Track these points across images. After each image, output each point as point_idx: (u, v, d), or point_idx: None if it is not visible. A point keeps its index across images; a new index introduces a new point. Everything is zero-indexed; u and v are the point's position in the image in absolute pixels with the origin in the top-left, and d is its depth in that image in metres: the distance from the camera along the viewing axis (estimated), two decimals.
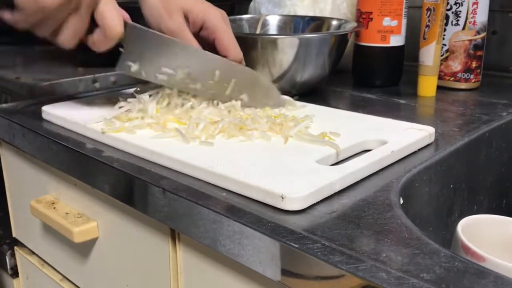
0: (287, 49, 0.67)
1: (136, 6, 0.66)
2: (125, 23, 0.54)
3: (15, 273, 0.81)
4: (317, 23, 0.81)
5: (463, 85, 0.77)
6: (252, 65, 0.67)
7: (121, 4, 0.55)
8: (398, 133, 0.52)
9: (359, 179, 0.44)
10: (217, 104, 0.59)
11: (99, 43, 0.53)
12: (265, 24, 0.83)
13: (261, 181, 0.41)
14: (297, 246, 0.35)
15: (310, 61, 0.68)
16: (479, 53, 0.76)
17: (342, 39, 0.71)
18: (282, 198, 0.39)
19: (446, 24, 0.75)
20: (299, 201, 0.39)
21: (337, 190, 0.42)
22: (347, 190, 0.43)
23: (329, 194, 0.41)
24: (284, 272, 0.36)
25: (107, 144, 0.53)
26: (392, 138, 0.50)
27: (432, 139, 0.54)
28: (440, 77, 0.76)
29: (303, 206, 0.39)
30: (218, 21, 0.62)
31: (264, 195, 0.40)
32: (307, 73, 0.69)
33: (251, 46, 0.67)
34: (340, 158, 0.48)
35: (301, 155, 0.47)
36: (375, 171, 0.46)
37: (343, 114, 0.60)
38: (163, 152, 0.48)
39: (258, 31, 0.82)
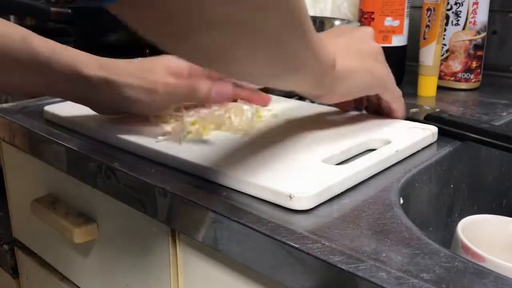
0: None
1: None
2: None
3: (15, 273, 0.81)
4: (320, 23, 0.81)
5: (463, 85, 0.77)
6: None
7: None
8: (402, 133, 0.52)
9: (364, 179, 0.44)
10: None
11: None
12: None
13: (268, 180, 0.41)
14: (297, 246, 0.35)
15: None
16: (479, 53, 0.76)
17: None
18: (290, 197, 0.39)
19: (446, 24, 0.75)
20: (307, 201, 0.39)
21: (344, 189, 0.42)
22: (347, 190, 0.43)
23: (337, 193, 0.41)
24: (284, 272, 0.36)
25: (108, 144, 0.53)
26: (396, 138, 0.50)
27: (435, 138, 0.54)
28: (440, 77, 0.76)
29: (311, 206, 0.39)
30: None
31: (271, 194, 0.40)
32: None
33: None
34: (345, 157, 0.48)
35: (307, 154, 0.47)
36: (380, 170, 0.46)
37: (346, 113, 0.60)
38: (164, 151, 0.48)
39: None
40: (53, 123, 0.61)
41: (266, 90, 0.68)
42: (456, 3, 0.74)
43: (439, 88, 0.75)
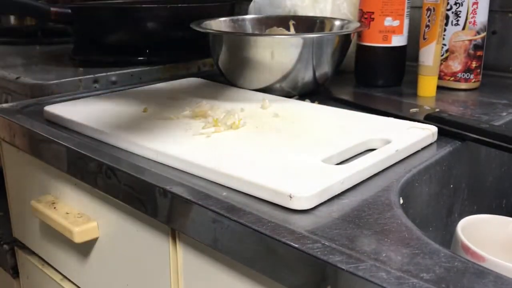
0: (291, 49, 0.66)
1: (134, 6, 0.66)
2: None
3: (15, 273, 0.81)
4: (320, 23, 0.81)
5: (463, 85, 0.77)
6: (255, 65, 0.67)
7: (118, 5, 0.54)
8: (402, 132, 0.52)
9: (364, 178, 0.44)
10: None
11: None
12: (267, 24, 0.83)
13: (268, 180, 0.41)
14: (297, 246, 0.35)
15: (313, 62, 0.68)
16: (479, 53, 0.76)
17: (345, 39, 0.71)
18: (290, 197, 0.39)
19: (446, 24, 0.75)
20: (307, 200, 0.39)
21: (344, 189, 0.42)
22: (347, 190, 0.43)
23: (337, 193, 0.41)
24: (284, 272, 0.36)
25: (108, 143, 0.53)
26: (396, 137, 0.50)
27: (435, 138, 0.54)
28: (440, 77, 0.76)
29: (311, 205, 0.39)
30: None
31: (271, 194, 0.40)
32: (310, 74, 0.69)
33: (255, 46, 0.67)
34: (345, 157, 0.48)
35: (306, 154, 0.47)
36: (380, 170, 0.46)
37: (346, 113, 0.60)
38: (166, 151, 0.48)
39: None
40: (53, 123, 0.61)
41: (267, 90, 0.69)
42: (456, 3, 0.74)
43: (439, 88, 0.75)
